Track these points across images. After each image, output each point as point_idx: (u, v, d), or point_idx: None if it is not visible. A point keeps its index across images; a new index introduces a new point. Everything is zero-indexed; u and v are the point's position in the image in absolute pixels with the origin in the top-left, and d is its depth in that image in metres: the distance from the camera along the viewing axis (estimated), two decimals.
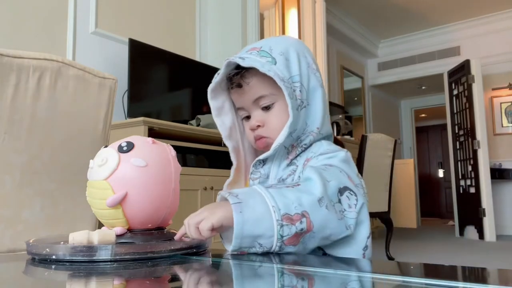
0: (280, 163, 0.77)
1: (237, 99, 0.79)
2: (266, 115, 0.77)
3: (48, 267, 0.51)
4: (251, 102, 0.77)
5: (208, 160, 2.47)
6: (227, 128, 0.82)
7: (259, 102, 0.76)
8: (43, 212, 1.07)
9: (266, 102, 0.75)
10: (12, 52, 0.98)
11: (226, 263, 0.57)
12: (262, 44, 0.77)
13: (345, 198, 0.66)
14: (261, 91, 0.75)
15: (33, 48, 2.01)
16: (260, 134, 0.77)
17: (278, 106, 0.76)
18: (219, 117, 0.82)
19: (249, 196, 0.60)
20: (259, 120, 0.76)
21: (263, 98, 0.75)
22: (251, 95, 0.76)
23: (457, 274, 0.48)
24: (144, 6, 2.76)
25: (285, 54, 0.75)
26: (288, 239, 0.59)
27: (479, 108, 4.74)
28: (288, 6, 3.96)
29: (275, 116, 0.76)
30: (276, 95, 0.75)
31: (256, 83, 0.75)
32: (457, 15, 5.43)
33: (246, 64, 0.72)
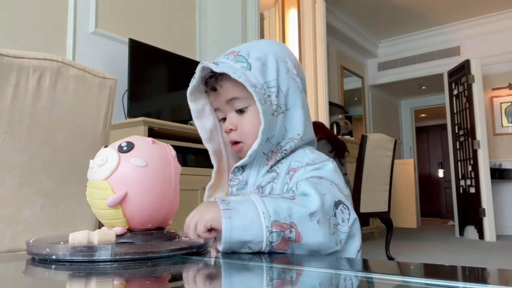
0: (259, 169, 0.76)
1: (213, 101, 0.80)
2: (239, 118, 0.77)
3: (48, 267, 0.51)
4: (225, 103, 0.77)
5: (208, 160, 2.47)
6: (207, 131, 0.83)
7: (233, 104, 0.76)
8: (43, 212, 1.07)
9: (240, 105, 0.76)
10: (12, 52, 0.98)
11: (226, 263, 0.57)
12: (241, 48, 0.77)
13: (339, 212, 0.67)
14: (234, 93, 0.75)
15: (33, 48, 2.01)
16: (233, 139, 0.77)
17: (252, 111, 0.75)
18: (199, 120, 0.82)
19: (240, 203, 0.61)
20: (232, 123, 0.77)
21: (236, 100, 0.75)
22: (225, 96, 0.76)
23: (457, 274, 0.48)
24: (144, 6, 2.76)
25: (262, 59, 0.75)
26: (277, 244, 0.60)
27: (479, 108, 4.74)
28: (288, 6, 3.96)
29: (248, 120, 0.76)
30: (250, 99, 0.74)
31: (230, 86, 0.75)
32: (457, 15, 5.43)
33: (219, 69, 0.72)
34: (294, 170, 0.74)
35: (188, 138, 2.34)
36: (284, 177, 0.74)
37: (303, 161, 0.75)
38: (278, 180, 0.75)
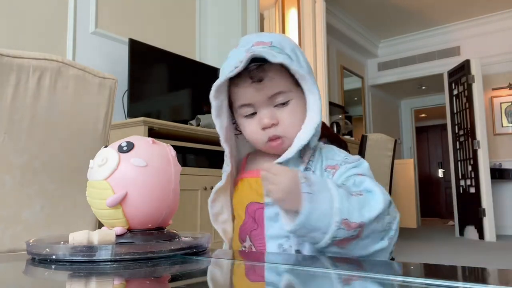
0: (296, 167, 0.73)
1: (245, 95, 0.73)
2: (280, 112, 0.73)
3: (48, 267, 0.51)
4: (266, 98, 0.72)
5: (208, 160, 2.47)
6: (224, 129, 0.78)
7: (275, 98, 0.72)
8: (43, 212, 1.07)
9: (283, 99, 0.72)
10: (12, 52, 0.98)
11: (226, 263, 0.57)
12: (270, 39, 0.73)
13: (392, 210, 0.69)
14: (280, 87, 0.72)
15: (33, 48, 2.01)
16: (276, 134, 0.73)
17: (294, 104, 0.73)
18: (218, 118, 0.77)
19: (320, 191, 0.62)
20: (273, 117, 0.72)
21: (281, 94, 0.72)
22: (270, 90, 0.71)
23: (457, 274, 0.48)
24: (144, 6, 2.76)
25: (295, 52, 0.73)
26: (339, 241, 0.62)
27: (479, 108, 4.74)
28: (288, 6, 3.96)
29: (290, 113, 0.73)
30: (293, 92, 0.73)
31: (278, 78, 0.72)
32: (457, 15, 5.43)
33: (278, 60, 0.67)
34: (333, 168, 0.73)
35: (188, 138, 2.34)
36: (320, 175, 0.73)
37: (336, 158, 0.75)
38: None
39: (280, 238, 0.71)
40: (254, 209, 0.75)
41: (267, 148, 0.76)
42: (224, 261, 0.58)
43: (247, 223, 0.76)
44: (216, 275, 0.52)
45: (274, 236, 0.71)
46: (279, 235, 0.71)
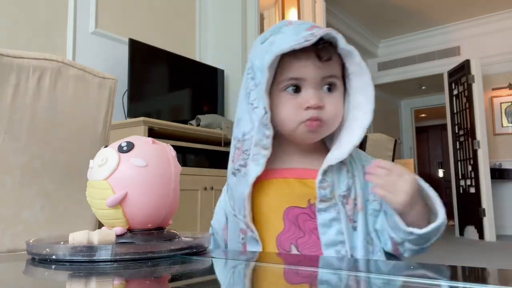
0: (338, 170, 0.71)
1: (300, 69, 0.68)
2: (327, 97, 0.70)
3: (48, 267, 0.51)
4: (320, 78, 0.69)
5: (208, 160, 2.47)
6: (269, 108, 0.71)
7: (327, 80, 0.70)
8: (43, 212, 1.07)
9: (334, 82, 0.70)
10: (12, 52, 0.98)
11: (226, 263, 0.57)
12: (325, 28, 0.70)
13: None
14: (336, 71, 0.70)
15: (33, 48, 2.01)
16: (318, 116, 0.68)
17: (338, 94, 0.71)
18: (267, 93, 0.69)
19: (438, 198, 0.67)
20: (321, 99, 0.69)
21: (334, 77, 0.70)
22: (328, 71, 0.69)
23: (457, 274, 0.48)
24: (144, 6, 2.76)
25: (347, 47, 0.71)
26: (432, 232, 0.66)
27: (479, 108, 4.74)
28: (288, 6, 3.96)
29: (335, 101, 0.70)
30: (340, 82, 0.71)
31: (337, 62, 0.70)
32: (457, 15, 5.43)
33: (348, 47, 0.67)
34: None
35: (188, 138, 2.34)
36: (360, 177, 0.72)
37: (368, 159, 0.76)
38: (355, 180, 0.72)
39: (336, 244, 0.68)
40: (296, 215, 0.70)
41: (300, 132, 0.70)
42: (224, 261, 0.58)
43: (290, 230, 0.70)
44: (216, 275, 0.52)
45: (330, 243, 0.68)
46: (335, 241, 0.68)
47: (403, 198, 0.63)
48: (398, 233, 0.67)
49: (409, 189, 0.63)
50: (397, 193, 0.63)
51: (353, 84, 0.71)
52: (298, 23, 0.72)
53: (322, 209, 0.69)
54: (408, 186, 0.64)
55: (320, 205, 0.69)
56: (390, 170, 0.64)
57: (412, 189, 0.64)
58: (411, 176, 0.64)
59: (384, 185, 0.64)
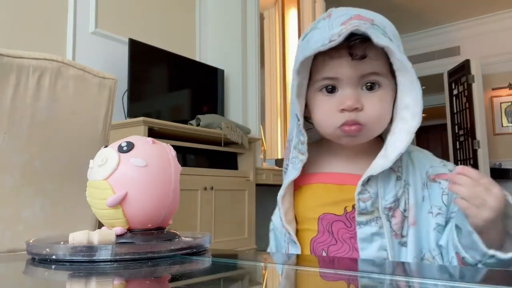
0: (386, 178, 0.64)
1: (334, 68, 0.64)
2: (366, 97, 0.63)
3: (48, 267, 0.51)
4: (357, 76, 0.63)
5: (208, 160, 2.47)
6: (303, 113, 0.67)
7: (367, 78, 0.63)
8: (43, 212, 1.07)
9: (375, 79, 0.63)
10: (12, 52, 0.98)
11: (226, 263, 0.57)
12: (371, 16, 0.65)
13: None
14: (378, 67, 0.63)
15: (33, 48, 2.00)
16: (355, 119, 0.62)
17: (384, 92, 0.64)
18: (298, 98, 0.67)
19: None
20: (357, 100, 0.62)
21: (375, 75, 0.63)
22: (366, 68, 0.62)
23: (457, 274, 0.48)
24: (144, 6, 2.76)
25: (397, 39, 0.65)
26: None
27: (479, 108, 4.74)
28: (288, 6, 3.96)
29: (377, 101, 0.63)
30: (387, 80, 0.64)
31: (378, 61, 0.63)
32: (457, 15, 5.43)
33: (382, 42, 0.59)
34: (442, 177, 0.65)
35: (188, 138, 2.34)
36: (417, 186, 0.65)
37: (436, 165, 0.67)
38: (409, 190, 0.65)
39: None
40: (330, 222, 0.66)
41: (338, 136, 0.66)
42: (224, 261, 0.58)
43: (323, 236, 0.67)
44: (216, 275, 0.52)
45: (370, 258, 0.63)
46: (376, 257, 0.63)
47: (489, 215, 0.55)
48: (473, 254, 0.59)
49: (497, 206, 0.55)
50: (482, 208, 0.55)
51: (400, 82, 0.64)
52: (338, 13, 0.65)
53: (362, 222, 0.64)
54: (497, 202, 0.55)
55: (359, 218, 0.64)
56: (477, 181, 0.56)
57: (500, 206, 0.55)
58: (501, 191, 0.56)
59: (470, 197, 0.56)
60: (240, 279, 0.50)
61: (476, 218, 0.56)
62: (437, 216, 0.64)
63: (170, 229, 0.62)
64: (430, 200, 0.65)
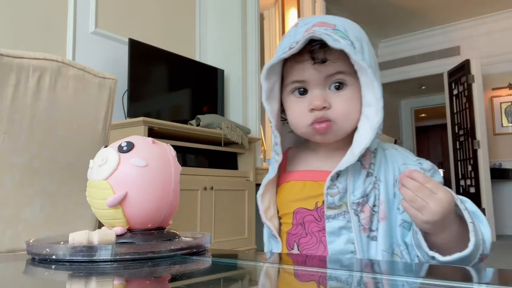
0: (355, 174, 0.67)
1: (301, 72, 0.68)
2: (334, 96, 0.67)
3: (48, 267, 0.51)
4: (323, 77, 0.67)
5: (208, 160, 2.47)
6: (275, 115, 0.71)
7: (332, 78, 0.67)
8: (43, 212, 1.07)
9: (341, 78, 0.67)
10: (12, 52, 0.98)
11: (226, 263, 0.57)
12: (334, 21, 0.67)
13: None
14: (343, 66, 0.66)
15: (33, 48, 2.01)
16: (324, 117, 0.66)
17: (350, 91, 0.67)
18: (268, 101, 0.70)
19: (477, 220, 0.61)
20: (325, 101, 0.66)
21: (341, 73, 0.66)
22: (330, 70, 0.66)
23: (457, 274, 0.48)
24: (144, 6, 2.76)
25: (359, 40, 0.67)
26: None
27: (479, 108, 4.74)
28: (288, 6, 3.96)
29: (344, 100, 0.66)
30: (353, 78, 0.66)
31: (340, 61, 0.65)
32: (457, 15, 5.43)
33: (338, 46, 0.62)
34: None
35: (188, 138, 2.34)
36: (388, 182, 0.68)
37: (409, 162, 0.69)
38: (380, 186, 0.67)
39: (344, 253, 0.66)
40: (303, 216, 0.70)
41: (310, 134, 0.69)
42: (224, 261, 0.58)
43: (296, 229, 0.71)
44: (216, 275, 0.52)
45: (337, 252, 0.66)
46: (344, 250, 0.66)
47: (428, 218, 0.57)
48: (422, 253, 0.62)
49: (439, 210, 0.56)
50: (423, 211, 0.57)
51: (361, 81, 0.67)
52: (304, 22, 0.69)
53: (331, 216, 0.67)
54: (439, 207, 0.56)
55: (328, 212, 0.67)
56: (422, 184, 0.57)
57: (443, 211, 0.56)
58: (446, 195, 0.57)
59: (411, 199, 0.58)
60: (240, 279, 0.50)
61: (416, 220, 0.58)
62: (403, 213, 0.66)
63: (170, 229, 0.62)
64: (399, 197, 0.66)
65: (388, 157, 0.70)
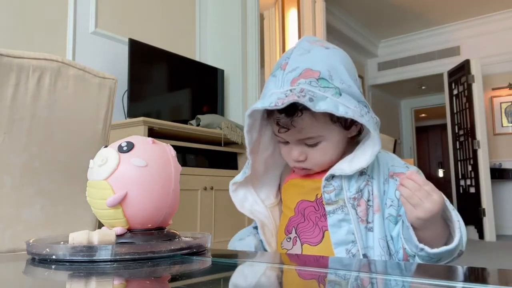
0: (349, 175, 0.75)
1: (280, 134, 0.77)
2: (310, 150, 0.76)
3: (48, 267, 0.51)
4: (296, 140, 0.75)
5: (208, 160, 2.47)
6: (253, 142, 0.80)
7: (304, 141, 0.75)
8: (43, 212, 1.07)
9: (312, 141, 0.75)
10: (12, 52, 0.98)
11: (226, 263, 0.57)
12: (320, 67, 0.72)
13: None
14: (308, 133, 0.73)
15: (33, 48, 2.01)
16: (302, 166, 0.78)
17: (325, 143, 0.75)
18: (249, 133, 0.79)
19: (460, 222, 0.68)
20: (302, 154, 0.76)
21: (310, 139, 0.74)
22: (298, 136, 0.74)
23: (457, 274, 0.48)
24: (144, 6, 2.76)
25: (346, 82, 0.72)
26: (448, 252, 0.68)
27: (479, 108, 4.74)
28: (288, 6, 3.96)
29: (319, 153, 0.76)
30: (323, 136, 0.74)
31: (307, 126, 0.72)
32: (457, 15, 5.43)
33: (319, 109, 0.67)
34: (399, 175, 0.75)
35: (188, 138, 2.34)
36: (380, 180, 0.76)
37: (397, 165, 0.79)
38: (372, 183, 0.76)
39: (347, 243, 0.73)
40: (304, 207, 0.79)
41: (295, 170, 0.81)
42: (224, 261, 0.58)
43: (296, 217, 0.80)
44: (216, 275, 0.52)
45: (340, 242, 0.74)
46: (346, 240, 0.73)
47: (422, 214, 0.64)
48: (410, 246, 0.69)
49: (432, 208, 0.64)
50: (418, 207, 0.65)
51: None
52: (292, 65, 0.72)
53: (331, 211, 0.75)
54: (432, 205, 0.64)
55: (328, 208, 0.75)
56: (421, 186, 0.65)
57: (435, 209, 0.64)
58: (440, 197, 0.65)
59: (409, 196, 0.65)
60: (240, 279, 0.50)
61: (411, 215, 0.66)
62: (390, 208, 0.75)
63: (170, 229, 0.62)
64: (388, 193, 0.76)
65: (379, 159, 0.79)
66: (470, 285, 0.39)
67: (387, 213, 0.75)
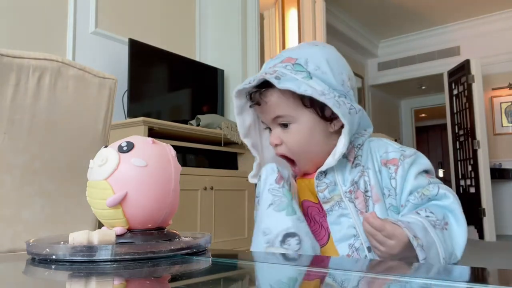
0: (342, 167, 0.76)
1: (258, 113, 0.81)
2: (284, 134, 0.77)
3: (48, 267, 0.51)
4: (270, 119, 0.78)
5: (208, 160, 2.47)
6: (246, 127, 0.83)
7: (277, 120, 0.77)
8: (43, 212, 1.07)
9: (282, 120, 0.76)
10: (12, 52, 0.98)
11: (226, 263, 0.57)
12: (298, 55, 0.76)
13: None
14: (277, 111, 0.75)
15: (33, 48, 2.01)
16: (280, 152, 0.78)
17: (296, 126, 0.76)
18: (240, 116, 0.82)
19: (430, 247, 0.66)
20: (277, 138, 0.77)
21: (280, 117, 0.76)
22: (269, 114, 0.77)
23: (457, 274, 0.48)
24: (144, 6, 2.76)
25: (321, 68, 0.74)
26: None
27: (479, 108, 4.74)
28: (288, 6, 3.96)
29: (292, 136, 0.76)
30: (293, 117, 0.75)
31: (275, 103, 0.75)
32: (457, 15, 5.43)
33: (282, 86, 0.70)
34: (392, 163, 0.76)
35: (188, 138, 2.34)
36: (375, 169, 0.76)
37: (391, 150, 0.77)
38: (368, 173, 0.75)
39: (348, 238, 0.73)
40: (307, 206, 0.80)
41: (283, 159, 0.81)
42: (224, 261, 0.58)
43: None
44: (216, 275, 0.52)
45: (341, 238, 0.74)
46: (347, 235, 0.73)
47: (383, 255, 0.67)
48: None
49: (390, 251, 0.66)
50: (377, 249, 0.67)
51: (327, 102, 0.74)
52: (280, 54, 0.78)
53: (329, 209, 0.75)
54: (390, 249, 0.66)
55: (325, 206, 0.75)
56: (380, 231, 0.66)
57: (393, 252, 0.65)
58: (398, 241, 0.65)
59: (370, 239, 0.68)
60: (240, 279, 0.50)
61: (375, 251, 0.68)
62: (389, 198, 0.74)
63: (170, 229, 0.62)
64: (382, 183, 0.75)
65: (372, 147, 0.78)
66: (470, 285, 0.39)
67: (387, 203, 0.74)
